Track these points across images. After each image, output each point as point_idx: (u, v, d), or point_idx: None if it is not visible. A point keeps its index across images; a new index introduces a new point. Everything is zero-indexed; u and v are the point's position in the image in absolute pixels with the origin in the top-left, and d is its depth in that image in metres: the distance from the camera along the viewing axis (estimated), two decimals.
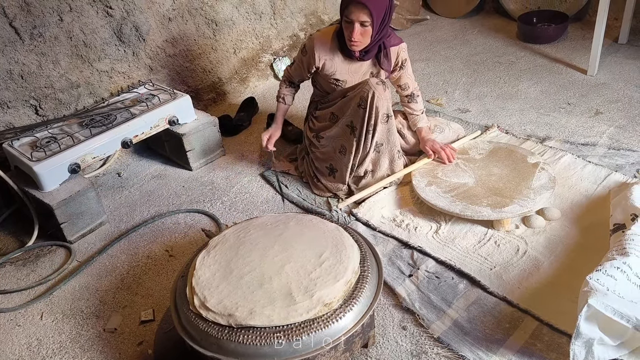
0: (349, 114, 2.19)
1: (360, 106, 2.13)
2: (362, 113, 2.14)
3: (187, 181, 2.56)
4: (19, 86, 2.34)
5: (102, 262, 2.12)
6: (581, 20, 3.70)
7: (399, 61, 2.27)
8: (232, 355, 1.39)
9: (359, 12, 2.00)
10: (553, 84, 3.02)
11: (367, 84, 2.11)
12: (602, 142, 2.46)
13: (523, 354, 1.57)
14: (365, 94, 2.11)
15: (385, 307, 1.79)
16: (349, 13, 2.01)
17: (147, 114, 2.43)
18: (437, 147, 2.33)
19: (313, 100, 2.44)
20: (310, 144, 2.40)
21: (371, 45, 2.12)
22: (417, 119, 2.40)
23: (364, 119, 2.14)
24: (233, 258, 1.58)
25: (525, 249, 1.93)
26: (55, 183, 2.19)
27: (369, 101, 2.11)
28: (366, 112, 2.13)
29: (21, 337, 1.84)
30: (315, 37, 2.20)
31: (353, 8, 2.00)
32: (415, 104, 2.38)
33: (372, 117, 2.14)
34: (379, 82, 2.13)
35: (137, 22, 2.67)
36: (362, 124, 2.15)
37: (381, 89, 2.11)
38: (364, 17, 2.00)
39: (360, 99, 2.13)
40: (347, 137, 2.22)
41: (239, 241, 1.65)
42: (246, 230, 1.69)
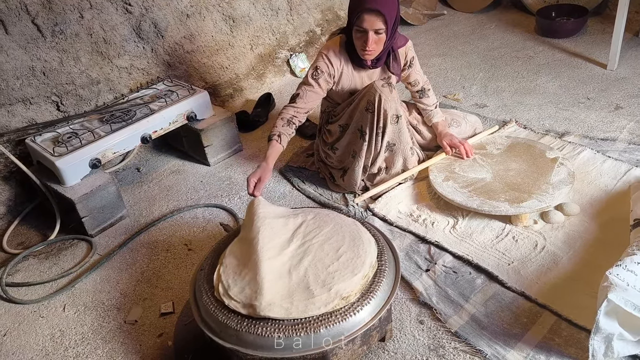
0: (358, 119, 2.16)
1: (368, 110, 2.10)
2: (371, 117, 2.11)
3: (205, 176, 2.59)
4: (41, 83, 2.38)
5: (123, 256, 2.15)
6: (601, 14, 3.65)
7: (407, 60, 2.25)
8: (250, 347, 1.40)
9: (373, 21, 1.94)
10: (572, 78, 2.99)
11: (373, 88, 2.07)
12: (622, 137, 2.44)
13: (541, 348, 1.57)
14: (372, 98, 2.07)
15: (402, 302, 1.79)
16: (361, 22, 1.95)
17: (166, 110, 2.46)
18: (455, 142, 2.31)
19: (324, 111, 2.36)
20: (326, 156, 2.35)
21: (383, 52, 2.09)
22: (431, 114, 2.37)
23: (373, 122, 2.11)
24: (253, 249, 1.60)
25: (544, 244, 1.92)
26: (76, 178, 2.23)
27: (376, 105, 2.07)
28: (374, 115, 2.09)
29: (45, 328, 1.88)
30: (324, 54, 2.12)
31: (366, 16, 1.94)
32: (427, 98, 2.36)
33: (380, 120, 2.11)
34: (385, 85, 2.08)
35: (155, 19, 2.70)
36: (372, 127, 2.13)
37: (387, 91, 2.07)
38: (378, 25, 1.95)
39: (367, 103, 2.09)
40: (356, 141, 2.20)
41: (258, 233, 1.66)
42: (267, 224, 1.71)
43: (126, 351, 1.74)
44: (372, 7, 1.92)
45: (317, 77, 2.12)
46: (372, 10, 1.92)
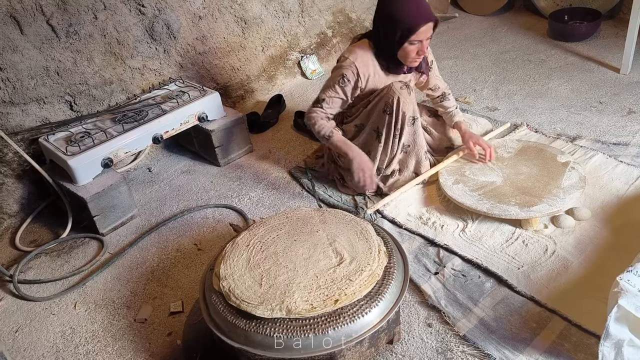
0: (374, 120, 2.16)
1: (385, 112, 2.10)
2: (388, 119, 2.10)
3: (216, 177, 2.60)
4: (55, 82, 2.41)
5: (133, 255, 2.17)
6: (614, 18, 3.62)
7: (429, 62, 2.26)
8: (259, 347, 1.41)
9: (428, 30, 1.95)
10: (584, 82, 2.97)
11: (391, 90, 2.06)
12: (635, 141, 2.42)
13: (550, 353, 1.56)
14: (390, 100, 2.07)
15: (410, 304, 1.79)
16: (418, 34, 1.94)
17: (177, 111, 2.48)
18: (482, 143, 2.27)
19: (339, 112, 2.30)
20: (338, 155, 2.30)
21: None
22: (452, 113, 2.35)
23: (390, 124, 2.11)
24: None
25: (554, 248, 1.91)
26: (88, 177, 2.26)
27: (395, 106, 2.07)
28: (392, 117, 2.09)
29: (56, 325, 1.90)
30: (353, 62, 2.07)
31: (424, 28, 1.93)
32: (447, 101, 2.35)
33: (398, 122, 2.11)
34: (403, 87, 2.07)
35: (168, 20, 2.72)
36: (389, 129, 2.12)
37: (406, 93, 2.07)
38: (430, 32, 1.97)
39: (385, 104, 2.08)
40: (372, 142, 2.20)
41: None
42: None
43: (136, 349, 1.76)
44: (431, 18, 1.94)
45: (343, 85, 2.10)
46: (429, 20, 1.93)
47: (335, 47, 3.64)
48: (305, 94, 3.26)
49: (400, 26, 1.95)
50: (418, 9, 1.94)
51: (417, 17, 1.93)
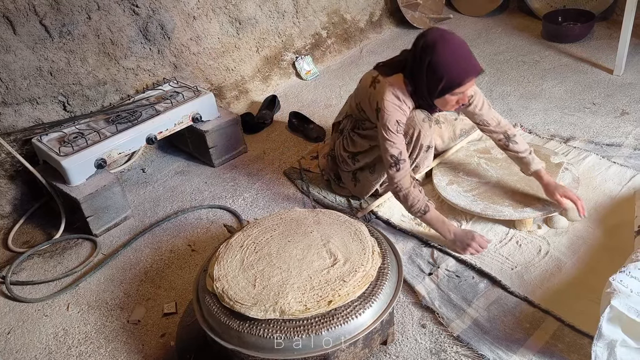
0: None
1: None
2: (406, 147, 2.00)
3: (210, 177, 2.60)
4: (48, 83, 2.40)
5: (127, 256, 2.16)
6: (607, 19, 3.64)
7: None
8: (252, 349, 1.41)
9: (473, 82, 1.85)
10: (578, 83, 2.98)
11: (414, 120, 1.96)
12: (628, 142, 2.43)
13: (544, 354, 1.56)
14: (411, 131, 1.98)
15: (404, 305, 1.79)
16: (464, 88, 1.82)
17: (171, 111, 2.47)
18: (571, 195, 1.96)
19: (351, 115, 2.19)
20: (343, 160, 2.22)
21: None
22: (528, 160, 2.03)
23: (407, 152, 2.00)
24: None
25: (548, 249, 1.92)
26: (82, 178, 2.25)
27: (415, 138, 1.99)
28: (410, 146, 2.02)
29: (48, 326, 1.89)
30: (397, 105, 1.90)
31: (470, 82, 1.82)
32: (514, 144, 2.04)
33: (414, 152, 2.04)
34: (425, 119, 1.97)
35: (162, 21, 2.72)
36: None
37: (427, 126, 1.98)
38: (473, 83, 1.87)
39: (404, 134, 1.97)
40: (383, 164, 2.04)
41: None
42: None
43: (129, 351, 1.75)
44: (478, 72, 1.82)
45: (401, 131, 1.92)
46: (476, 75, 1.82)
47: (330, 48, 3.64)
48: (300, 95, 3.26)
49: (444, 79, 1.79)
50: (466, 63, 1.80)
51: (464, 72, 1.79)
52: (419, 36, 1.86)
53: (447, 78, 1.79)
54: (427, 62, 1.80)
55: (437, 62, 1.78)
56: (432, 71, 1.80)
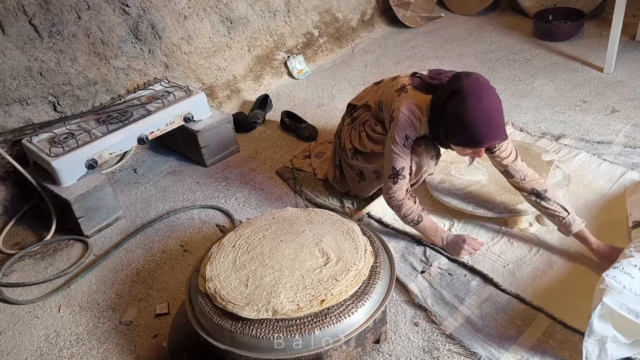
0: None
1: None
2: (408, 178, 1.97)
3: (202, 177, 2.59)
4: (38, 83, 2.38)
5: (118, 256, 2.15)
6: (597, 18, 3.66)
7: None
8: (245, 349, 1.41)
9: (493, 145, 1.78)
10: (568, 81, 3.00)
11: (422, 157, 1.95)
12: (618, 140, 2.44)
13: (535, 351, 1.57)
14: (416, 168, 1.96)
15: (397, 304, 1.79)
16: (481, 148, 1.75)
17: (163, 111, 2.46)
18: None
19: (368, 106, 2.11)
20: (344, 150, 2.17)
21: None
22: (565, 222, 1.83)
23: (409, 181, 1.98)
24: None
25: (539, 247, 1.93)
26: (72, 178, 2.23)
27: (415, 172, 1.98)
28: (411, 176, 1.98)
29: (39, 328, 1.87)
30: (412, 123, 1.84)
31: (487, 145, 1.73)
32: (548, 202, 1.85)
33: (416, 183, 2.05)
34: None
35: (153, 20, 2.70)
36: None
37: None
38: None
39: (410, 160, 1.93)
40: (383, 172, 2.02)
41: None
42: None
43: (121, 352, 1.74)
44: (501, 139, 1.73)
45: (408, 146, 1.87)
46: (498, 142, 1.75)
47: (322, 47, 3.64)
48: (292, 94, 3.26)
49: (464, 134, 1.71)
50: (492, 128, 1.68)
51: (486, 136, 1.69)
52: (456, 76, 1.74)
53: (467, 135, 1.70)
54: (453, 110, 1.69)
55: (463, 116, 1.67)
56: (454, 121, 1.70)
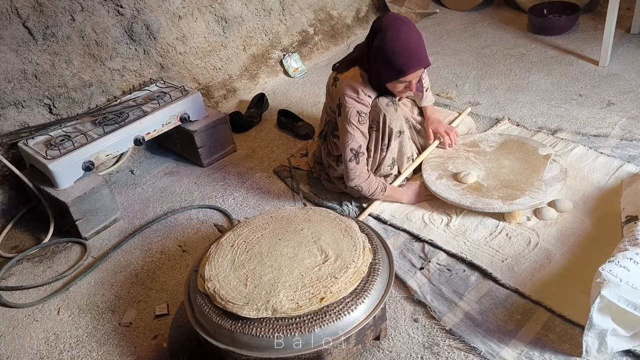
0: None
1: (372, 128, 2.07)
2: (375, 134, 2.09)
3: (199, 177, 2.59)
4: (33, 86, 2.38)
5: (117, 258, 2.15)
6: (592, 11, 3.66)
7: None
8: (245, 348, 1.41)
9: (418, 73, 1.91)
10: (564, 75, 3.00)
11: (377, 106, 2.03)
12: (615, 133, 2.45)
13: (535, 345, 1.57)
14: (377, 117, 2.04)
15: (396, 300, 1.80)
16: (408, 77, 1.89)
17: (159, 112, 2.46)
18: (440, 130, 2.30)
19: (329, 121, 2.24)
20: (329, 165, 2.25)
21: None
22: (421, 95, 2.30)
23: (378, 139, 2.10)
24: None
25: (537, 241, 1.93)
26: (69, 181, 2.23)
27: (382, 123, 2.05)
28: (379, 133, 2.08)
29: (39, 331, 1.87)
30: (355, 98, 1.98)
31: (415, 73, 1.88)
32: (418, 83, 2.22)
33: (385, 138, 2.09)
34: (390, 103, 2.04)
35: (147, 21, 2.70)
36: (376, 143, 2.11)
37: (392, 110, 2.04)
38: (420, 74, 1.92)
39: (371, 121, 2.06)
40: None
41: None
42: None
43: (121, 353, 1.74)
44: (423, 65, 1.87)
45: (363, 121, 2.01)
46: (421, 67, 1.88)
47: (317, 45, 3.63)
48: (289, 92, 3.25)
49: (390, 66, 1.87)
50: (412, 53, 1.85)
51: (408, 61, 1.85)
52: (375, 20, 1.94)
53: (392, 66, 1.86)
54: (376, 47, 1.87)
55: (386, 48, 1.84)
56: (380, 56, 1.87)
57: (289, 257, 1.56)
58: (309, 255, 1.56)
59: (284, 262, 1.55)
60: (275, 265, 1.54)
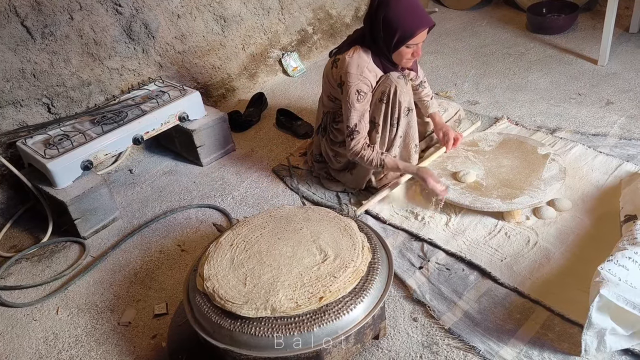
0: (371, 111, 2.13)
1: (382, 100, 2.08)
2: (385, 108, 2.09)
3: (198, 177, 2.58)
4: (32, 85, 2.37)
5: (116, 257, 2.15)
6: (591, 10, 3.66)
7: None
8: (244, 347, 1.41)
9: (424, 34, 1.99)
10: (563, 74, 3.00)
11: (389, 79, 2.06)
12: (614, 132, 2.45)
13: (534, 344, 1.57)
14: (387, 89, 2.06)
15: (395, 299, 1.80)
16: (415, 39, 1.98)
17: (158, 111, 2.45)
18: (451, 136, 2.30)
19: (328, 111, 2.27)
20: (335, 154, 2.27)
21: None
22: (428, 104, 2.37)
23: (387, 113, 2.10)
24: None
25: (536, 240, 1.93)
26: (68, 180, 2.22)
27: (392, 96, 2.06)
28: (389, 106, 2.08)
29: (38, 331, 1.87)
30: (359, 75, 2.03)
31: (421, 33, 1.97)
32: (424, 89, 2.35)
33: (395, 111, 2.10)
34: (400, 77, 2.08)
35: (146, 20, 2.69)
36: (385, 118, 2.11)
37: (403, 82, 2.07)
38: (425, 36, 2.01)
39: (381, 93, 2.07)
40: (370, 134, 2.15)
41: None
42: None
43: (120, 353, 1.74)
44: (428, 23, 1.97)
45: (362, 99, 2.06)
46: (427, 26, 1.97)
47: (317, 44, 3.63)
48: (288, 92, 3.25)
49: (398, 31, 1.95)
50: (416, 15, 1.96)
51: (415, 23, 1.95)
52: None
53: (400, 30, 1.95)
54: (382, 17, 1.95)
55: (391, 16, 1.94)
56: (387, 25, 1.96)
57: (288, 257, 1.56)
58: (308, 255, 1.56)
59: (283, 261, 1.55)
60: (274, 265, 1.54)
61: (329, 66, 2.17)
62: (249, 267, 1.54)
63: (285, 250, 1.58)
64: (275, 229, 1.68)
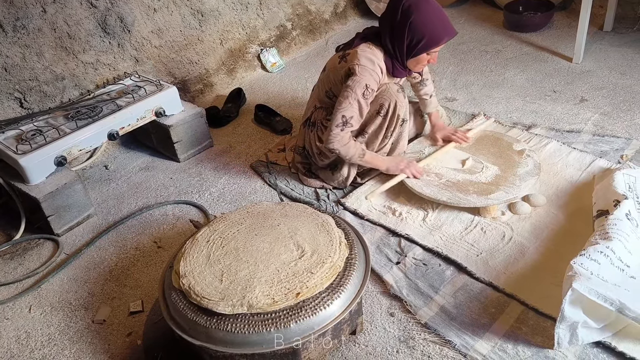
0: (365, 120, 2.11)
1: (379, 114, 2.08)
2: (381, 121, 2.10)
3: (175, 173, 2.56)
4: (3, 79, 2.32)
5: (90, 255, 2.11)
6: (566, 9, 3.72)
7: None
8: (220, 344, 1.40)
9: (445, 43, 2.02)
10: (539, 72, 3.04)
11: (389, 92, 2.05)
12: (587, 128, 2.49)
13: (509, 337, 1.60)
14: (387, 103, 2.06)
15: (373, 295, 1.80)
16: (440, 47, 2.02)
17: (134, 106, 2.42)
18: (452, 138, 2.34)
19: (322, 107, 2.21)
20: (319, 153, 2.23)
21: None
22: (426, 102, 2.39)
23: (383, 126, 2.11)
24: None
25: (511, 235, 1.95)
26: (41, 176, 2.18)
27: (392, 110, 2.07)
28: (386, 120, 2.10)
29: (10, 330, 1.83)
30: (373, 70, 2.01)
31: (445, 42, 2.00)
32: (425, 87, 2.37)
33: (392, 125, 2.12)
34: (399, 89, 2.08)
35: (121, 13, 2.65)
36: (380, 130, 2.12)
37: (402, 96, 2.08)
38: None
39: (380, 106, 2.07)
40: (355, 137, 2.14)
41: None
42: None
43: (94, 351, 1.72)
44: (455, 34, 2.01)
45: (368, 96, 2.02)
46: (452, 36, 2.01)
47: (295, 40, 3.62)
48: (266, 87, 3.23)
49: (425, 37, 1.96)
50: (444, 23, 1.98)
51: (444, 31, 1.98)
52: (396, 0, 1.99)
53: (428, 36, 1.96)
54: (410, 22, 1.94)
55: (421, 21, 1.95)
56: (414, 30, 1.96)
57: (265, 253, 1.55)
58: (285, 251, 1.56)
59: (260, 257, 1.54)
60: (251, 261, 1.53)
61: (335, 61, 2.11)
62: (226, 264, 1.53)
63: (263, 247, 1.57)
64: (253, 225, 1.67)
